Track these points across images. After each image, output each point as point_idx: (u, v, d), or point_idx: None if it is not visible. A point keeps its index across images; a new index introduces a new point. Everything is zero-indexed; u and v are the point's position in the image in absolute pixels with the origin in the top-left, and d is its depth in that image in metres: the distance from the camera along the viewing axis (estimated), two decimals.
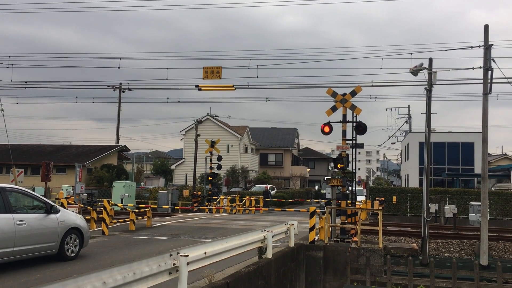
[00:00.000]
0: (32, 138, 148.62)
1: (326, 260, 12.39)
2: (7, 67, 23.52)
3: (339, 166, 13.96)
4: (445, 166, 39.11)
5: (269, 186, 39.45)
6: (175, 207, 25.81)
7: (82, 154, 39.20)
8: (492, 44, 14.21)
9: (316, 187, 53.43)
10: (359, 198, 24.33)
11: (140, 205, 19.95)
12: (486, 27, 14.38)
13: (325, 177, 46.59)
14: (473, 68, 16.34)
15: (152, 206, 19.31)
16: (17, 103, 62.32)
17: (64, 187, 27.71)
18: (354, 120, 14.26)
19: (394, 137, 53.38)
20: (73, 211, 10.70)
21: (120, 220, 16.52)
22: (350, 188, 15.04)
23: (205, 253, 6.53)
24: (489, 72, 14.17)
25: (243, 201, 27.70)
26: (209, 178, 28.09)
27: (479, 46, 14.60)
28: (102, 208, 14.13)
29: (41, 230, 8.33)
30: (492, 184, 36.83)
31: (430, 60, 14.77)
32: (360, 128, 14.12)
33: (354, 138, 14.40)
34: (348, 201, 14.40)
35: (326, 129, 14.29)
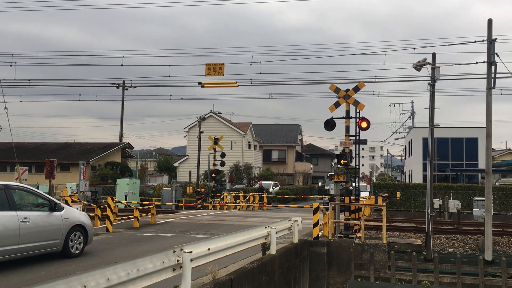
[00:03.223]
0: (36, 136, 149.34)
1: (330, 256, 12.41)
2: (11, 65, 23.60)
3: (342, 162, 13.94)
4: (449, 161, 39.02)
5: (272, 182, 39.45)
6: (179, 204, 25.85)
7: (86, 152, 39.31)
8: (496, 39, 14.14)
9: (320, 183, 53.32)
10: (362, 194, 24.32)
11: (144, 202, 20.03)
12: (490, 22, 14.30)
13: (329, 173, 46.49)
14: (476, 63, 16.30)
15: (156, 203, 19.37)
16: (20, 101, 62.37)
17: (68, 185, 27.82)
18: (358, 115, 14.23)
19: (397, 132, 53.21)
20: (77, 209, 10.73)
21: (124, 217, 16.56)
22: (353, 184, 15.03)
23: (209, 249, 6.54)
24: (493, 67, 14.10)
25: (247, 197, 27.72)
26: (213, 175, 28.08)
27: (483, 41, 14.52)
28: (106, 206, 14.17)
29: (45, 228, 8.36)
30: (496, 179, 36.70)
31: (434, 55, 14.71)
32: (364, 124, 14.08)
33: (358, 134, 14.37)
34: (352, 197, 14.39)
35: (330, 124, 14.28)
